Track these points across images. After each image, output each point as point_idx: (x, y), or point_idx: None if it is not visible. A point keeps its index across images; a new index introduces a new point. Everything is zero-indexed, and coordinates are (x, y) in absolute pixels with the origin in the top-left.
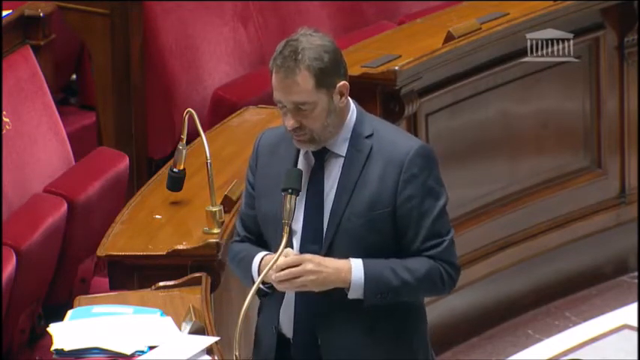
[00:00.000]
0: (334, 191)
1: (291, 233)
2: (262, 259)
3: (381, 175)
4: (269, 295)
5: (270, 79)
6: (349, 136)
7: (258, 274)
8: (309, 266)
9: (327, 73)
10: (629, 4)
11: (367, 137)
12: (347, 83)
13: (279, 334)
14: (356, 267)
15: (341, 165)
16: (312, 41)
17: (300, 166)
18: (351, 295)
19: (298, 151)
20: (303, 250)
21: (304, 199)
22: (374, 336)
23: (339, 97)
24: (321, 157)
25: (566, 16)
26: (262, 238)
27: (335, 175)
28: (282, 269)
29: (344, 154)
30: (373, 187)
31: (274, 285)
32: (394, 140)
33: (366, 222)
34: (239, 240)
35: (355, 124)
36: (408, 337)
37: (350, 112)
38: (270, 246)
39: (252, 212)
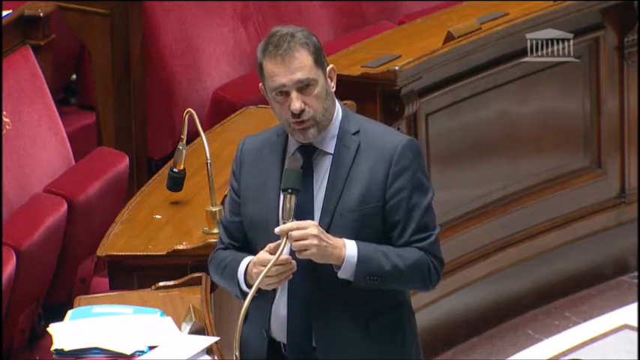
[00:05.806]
0: (324, 189)
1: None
2: (250, 262)
3: (371, 169)
4: (257, 298)
5: (261, 76)
6: (336, 133)
7: (245, 278)
8: (314, 230)
9: (319, 52)
10: (629, 4)
11: (354, 134)
12: (334, 67)
13: (269, 339)
14: (350, 245)
15: (329, 163)
16: (293, 29)
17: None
18: (342, 275)
19: (284, 153)
20: (293, 249)
21: None
22: (368, 334)
23: (330, 80)
24: (310, 156)
25: (566, 16)
26: (247, 244)
27: (324, 173)
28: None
29: (332, 152)
30: (363, 182)
31: (267, 284)
32: (381, 135)
33: (359, 217)
34: (223, 248)
35: (342, 122)
36: (400, 335)
37: (336, 110)
38: (257, 251)
39: (236, 219)
